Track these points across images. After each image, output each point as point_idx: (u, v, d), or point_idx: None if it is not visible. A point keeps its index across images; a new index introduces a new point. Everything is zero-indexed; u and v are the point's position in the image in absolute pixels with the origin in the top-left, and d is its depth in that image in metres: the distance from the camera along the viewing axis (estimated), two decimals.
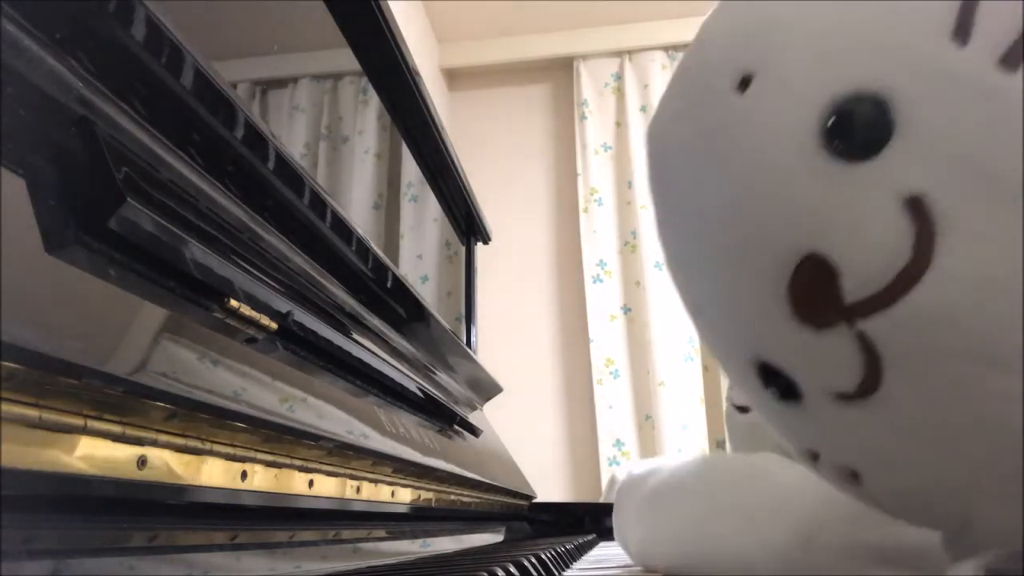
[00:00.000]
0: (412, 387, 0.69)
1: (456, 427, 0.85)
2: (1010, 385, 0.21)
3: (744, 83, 0.25)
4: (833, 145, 0.23)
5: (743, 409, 0.63)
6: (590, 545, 1.02)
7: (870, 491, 0.28)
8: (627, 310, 2.26)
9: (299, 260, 0.53)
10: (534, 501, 1.28)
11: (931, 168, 0.22)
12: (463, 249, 1.44)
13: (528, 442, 2.15)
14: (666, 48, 2.39)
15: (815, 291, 0.24)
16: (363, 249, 0.65)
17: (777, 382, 0.27)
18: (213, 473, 0.33)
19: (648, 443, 2.15)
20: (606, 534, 1.21)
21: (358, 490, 0.51)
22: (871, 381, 0.24)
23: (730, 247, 0.26)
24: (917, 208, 0.22)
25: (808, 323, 0.24)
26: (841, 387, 0.24)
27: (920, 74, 0.22)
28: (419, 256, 1.28)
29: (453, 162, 1.19)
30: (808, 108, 0.23)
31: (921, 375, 0.23)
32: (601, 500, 1.38)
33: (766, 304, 0.25)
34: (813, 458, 0.29)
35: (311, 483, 0.43)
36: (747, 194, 0.25)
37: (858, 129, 0.23)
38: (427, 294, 1.27)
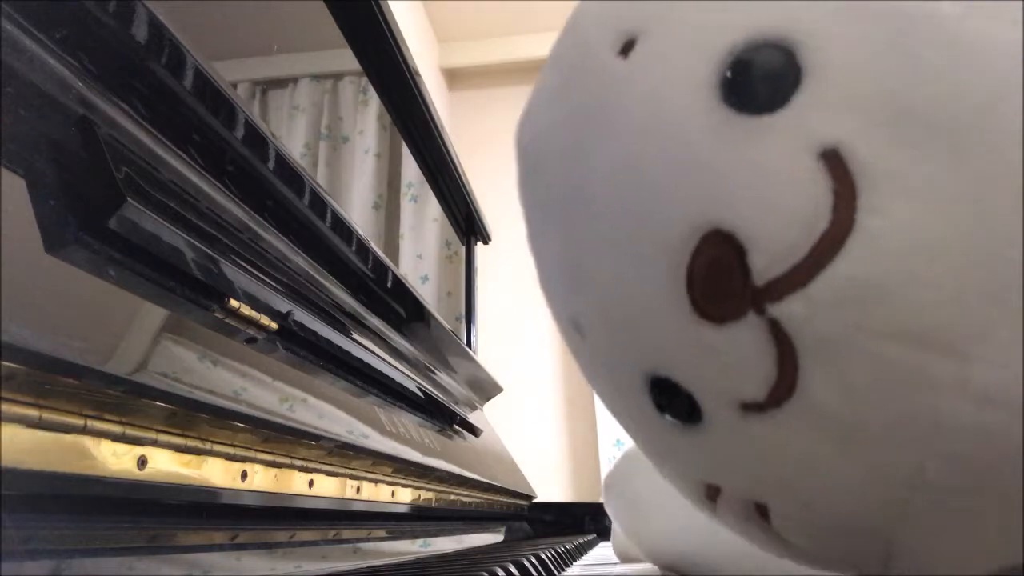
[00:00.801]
0: (412, 387, 0.69)
1: (456, 427, 0.85)
2: (954, 372, 0.18)
3: (627, 48, 0.22)
4: (732, 100, 0.20)
5: None
6: (590, 545, 1.02)
7: (780, 529, 0.23)
8: None
9: (299, 260, 0.53)
10: (534, 501, 1.28)
11: (847, 113, 0.19)
12: (463, 249, 1.44)
13: (528, 442, 2.15)
14: None
15: (719, 275, 0.20)
16: (363, 249, 0.65)
17: (674, 402, 0.23)
18: (213, 473, 0.33)
19: None
20: (606, 534, 1.21)
21: (358, 490, 0.51)
22: (785, 384, 0.20)
23: (618, 235, 0.22)
24: (833, 161, 0.19)
25: (711, 317, 0.20)
26: (749, 394, 0.20)
27: (830, 9, 0.19)
28: (419, 256, 1.28)
29: (453, 162, 1.19)
30: (701, 63, 0.20)
31: (846, 368, 0.19)
32: (601, 500, 1.38)
33: (661, 300, 0.21)
34: (712, 496, 0.25)
35: (311, 483, 0.43)
36: (636, 168, 0.21)
37: (760, 79, 0.20)
38: (427, 294, 1.27)
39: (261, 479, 0.37)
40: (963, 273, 0.17)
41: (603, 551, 0.94)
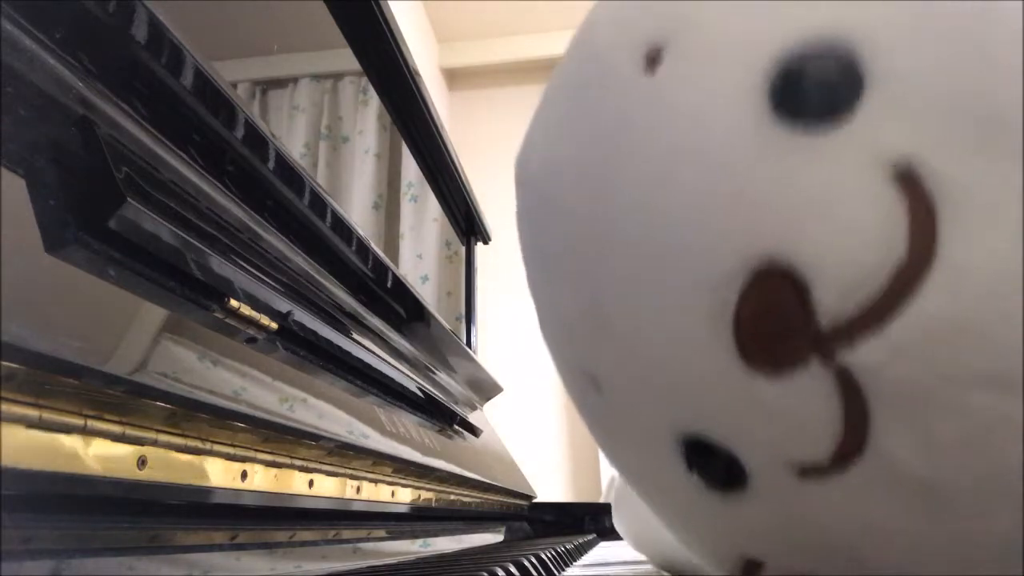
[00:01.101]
0: (412, 387, 0.69)
1: (456, 427, 0.85)
2: None
3: (652, 60, 0.19)
4: (784, 115, 0.17)
5: None
6: (590, 545, 1.02)
7: None
8: None
9: (299, 260, 0.53)
10: (534, 501, 1.28)
11: (920, 123, 0.16)
12: (463, 249, 1.44)
13: (528, 442, 2.15)
14: None
15: (774, 316, 0.17)
16: (363, 249, 0.65)
17: (710, 465, 0.20)
18: (213, 473, 0.33)
19: None
20: (606, 534, 1.21)
21: (358, 490, 0.51)
22: (855, 441, 0.17)
23: (651, 275, 0.19)
24: (907, 178, 0.16)
25: (763, 366, 0.17)
26: (809, 456, 0.18)
27: (892, 9, 0.17)
28: (419, 256, 1.28)
29: (453, 162, 1.19)
30: (745, 73, 0.17)
31: (930, 420, 0.16)
32: (601, 500, 1.38)
33: (703, 347, 0.18)
34: (751, 572, 0.22)
35: (311, 483, 0.43)
36: (671, 197, 0.18)
37: (816, 89, 0.17)
38: (427, 294, 1.27)
39: (261, 479, 0.37)
40: None
41: (603, 551, 0.94)
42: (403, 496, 0.61)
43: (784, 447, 0.18)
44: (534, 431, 2.26)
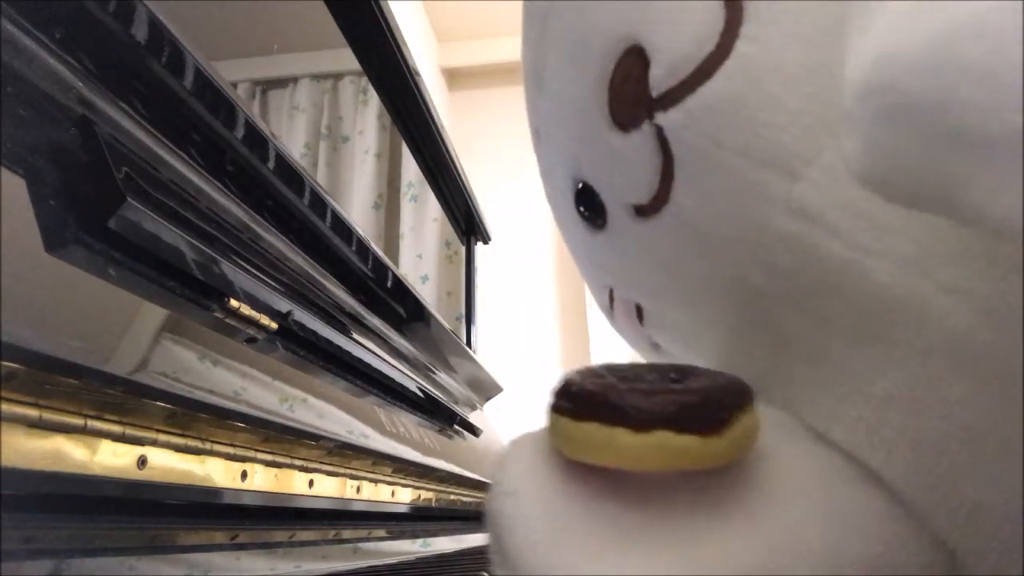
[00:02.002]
0: (412, 387, 0.69)
1: (456, 427, 0.85)
2: (782, 188, 0.20)
3: None
4: None
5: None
6: None
7: (650, 329, 0.27)
8: None
9: (299, 260, 0.53)
10: None
11: None
12: (463, 249, 1.44)
13: None
14: None
15: (628, 84, 0.23)
16: (363, 249, 0.65)
17: (592, 208, 0.26)
18: (213, 473, 0.33)
19: None
20: None
21: (358, 490, 0.51)
22: (664, 191, 0.23)
23: (566, 47, 0.25)
24: None
25: (619, 125, 0.23)
26: (637, 198, 0.24)
27: None
28: (419, 256, 1.28)
29: (453, 162, 1.19)
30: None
31: (705, 177, 0.22)
32: None
33: (589, 109, 0.24)
34: (610, 300, 0.29)
35: (311, 483, 0.43)
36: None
37: None
38: (427, 294, 1.27)
39: (261, 479, 0.37)
40: (810, 100, 0.19)
41: None
42: (403, 496, 0.61)
43: (624, 190, 0.24)
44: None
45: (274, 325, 0.41)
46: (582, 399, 0.20)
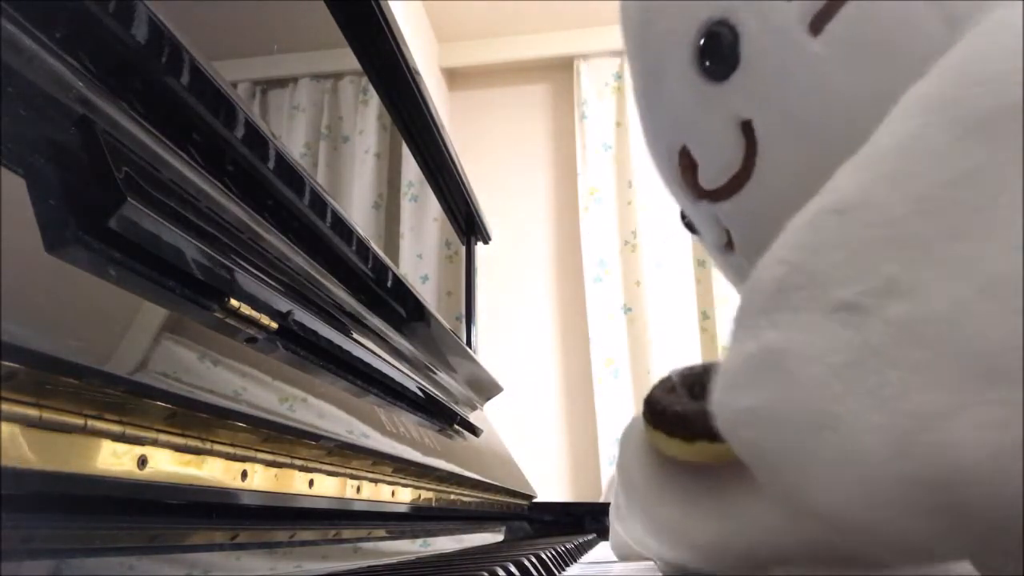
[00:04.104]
0: (412, 387, 0.69)
1: (456, 427, 0.85)
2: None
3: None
4: (703, 64, 0.32)
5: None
6: (590, 545, 1.02)
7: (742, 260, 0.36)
8: (627, 309, 2.26)
9: (299, 260, 0.53)
10: (534, 501, 1.28)
11: (759, 102, 0.30)
12: (463, 249, 1.44)
13: (528, 442, 2.15)
14: None
15: (689, 172, 0.34)
16: (363, 249, 0.65)
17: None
18: (213, 473, 0.33)
19: None
20: (606, 534, 1.21)
21: (358, 490, 0.51)
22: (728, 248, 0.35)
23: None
24: (747, 131, 0.31)
25: (691, 191, 0.34)
26: (715, 243, 0.36)
27: (760, 14, 0.29)
28: (419, 256, 1.28)
29: (453, 162, 1.19)
30: (690, 23, 0.32)
31: (756, 252, 0.27)
32: (601, 500, 1.38)
33: (671, 175, 0.36)
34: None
35: (311, 483, 0.43)
36: (645, 99, 0.37)
37: (719, 54, 0.31)
38: (427, 294, 1.27)
39: (261, 479, 0.37)
40: (800, 217, 0.25)
41: (603, 551, 0.94)
42: (403, 496, 0.61)
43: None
44: (534, 431, 2.26)
45: (274, 325, 0.41)
46: (654, 415, 0.31)
